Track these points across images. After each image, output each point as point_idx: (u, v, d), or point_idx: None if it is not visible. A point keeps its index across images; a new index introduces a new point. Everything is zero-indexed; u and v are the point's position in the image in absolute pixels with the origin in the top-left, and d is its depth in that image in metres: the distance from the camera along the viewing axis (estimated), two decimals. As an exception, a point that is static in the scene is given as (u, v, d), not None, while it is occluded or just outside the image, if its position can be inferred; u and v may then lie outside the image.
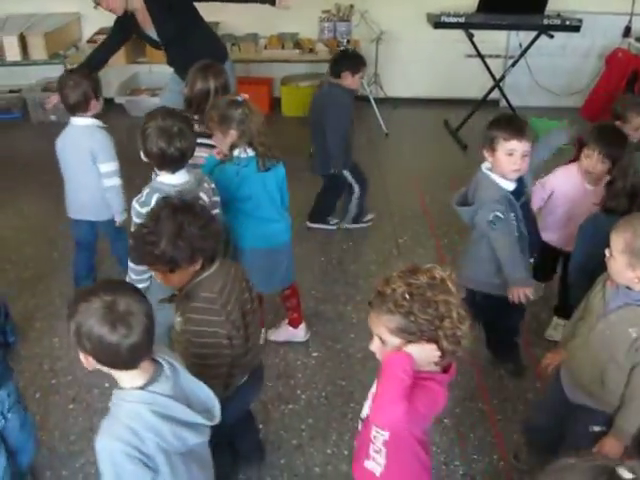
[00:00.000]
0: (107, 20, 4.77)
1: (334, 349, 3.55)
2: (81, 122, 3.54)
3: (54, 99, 4.12)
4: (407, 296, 1.74)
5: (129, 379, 1.74)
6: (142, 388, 1.73)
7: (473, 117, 6.13)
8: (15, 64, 6.35)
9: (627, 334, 2.19)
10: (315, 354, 3.52)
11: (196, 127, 3.31)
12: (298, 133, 6.24)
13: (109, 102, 6.38)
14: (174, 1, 4.26)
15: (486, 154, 2.87)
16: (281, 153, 3.18)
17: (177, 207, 2.16)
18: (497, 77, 6.15)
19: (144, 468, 1.71)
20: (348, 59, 4.32)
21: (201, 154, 3.15)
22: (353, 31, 6.29)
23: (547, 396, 2.77)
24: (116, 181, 3.57)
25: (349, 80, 4.22)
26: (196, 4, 4.45)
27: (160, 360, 1.79)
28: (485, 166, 2.93)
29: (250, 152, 3.06)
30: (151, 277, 2.65)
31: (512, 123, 2.84)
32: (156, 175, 2.87)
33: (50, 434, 3.03)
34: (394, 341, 1.79)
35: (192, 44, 4.32)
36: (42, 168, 5.53)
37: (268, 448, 2.98)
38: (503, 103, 6.41)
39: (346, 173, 4.45)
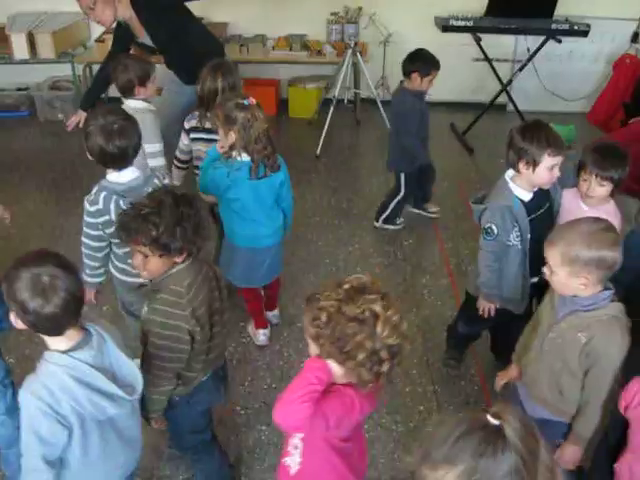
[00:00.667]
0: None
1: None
2: (131, 104, 3.62)
3: (75, 120, 4.15)
4: (324, 319, 1.72)
5: (54, 343, 1.87)
6: (64, 352, 1.85)
7: (480, 121, 6.15)
8: (23, 62, 6.36)
9: (577, 339, 2.22)
10: (319, 356, 3.51)
11: (207, 124, 3.35)
12: (304, 134, 6.27)
13: (117, 101, 6.39)
14: (164, 4, 4.22)
15: (521, 167, 2.77)
16: (287, 154, 3.18)
17: (180, 198, 2.21)
18: (504, 81, 6.14)
19: (58, 425, 1.84)
20: (420, 60, 4.29)
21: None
22: (361, 33, 6.28)
23: None
24: (160, 161, 3.65)
25: (417, 82, 4.23)
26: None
27: (91, 330, 1.92)
28: (509, 174, 2.87)
29: (245, 157, 3.07)
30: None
31: (555, 138, 2.76)
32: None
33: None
34: (313, 348, 1.79)
35: (187, 45, 4.30)
36: (48, 166, 5.58)
37: (272, 450, 2.99)
38: (510, 107, 6.41)
39: (402, 176, 4.49)
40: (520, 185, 2.83)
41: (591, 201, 2.92)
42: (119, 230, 2.22)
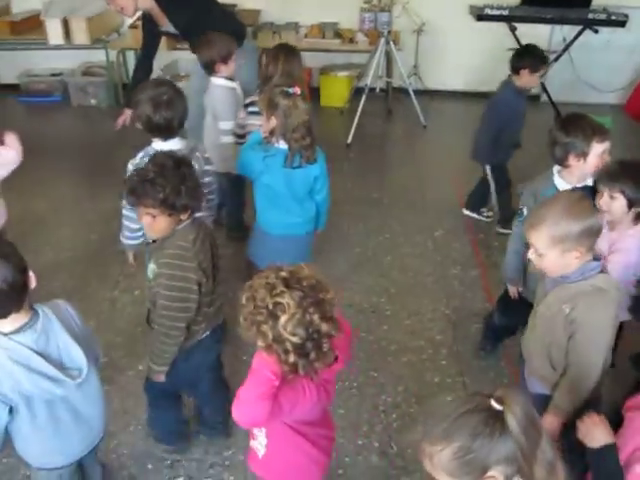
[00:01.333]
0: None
1: (366, 340, 3.54)
2: (214, 81, 3.81)
3: (122, 119, 4.19)
4: (243, 300, 1.75)
5: (1, 325, 1.95)
6: (6, 335, 1.94)
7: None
8: (58, 47, 6.43)
9: (562, 311, 2.22)
10: (348, 345, 3.52)
11: None
12: (335, 123, 6.26)
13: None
14: None
15: (572, 161, 2.77)
16: (317, 143, 3.18)
17: (179, 160, 2.39)
18: (539, 71, 6.07)
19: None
20: (530, 56, 4.19)
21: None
22: (394, 22, 6.23)
23: None
24: (231, 139, 3.80)
25: (526, 78, 4.16)
26: None
27: (40, 313, 2.01)
28: (557, 169, 2.88)
29: (283, 144, 3.08)
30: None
31: (598, 125, 2.75)
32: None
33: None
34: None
35: (209, 28, 4.16)
36: (81, 150, 5.63)
37: (299, 436, 3.00)
38: (544, 98, 6.34)
39: (487, 168, 4.48)
40: (565, 178, 2.83)
41: (612, 224, 2.75)
42: (128, 195, 2.34)
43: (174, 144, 2.94)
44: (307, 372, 1.79)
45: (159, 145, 2.94)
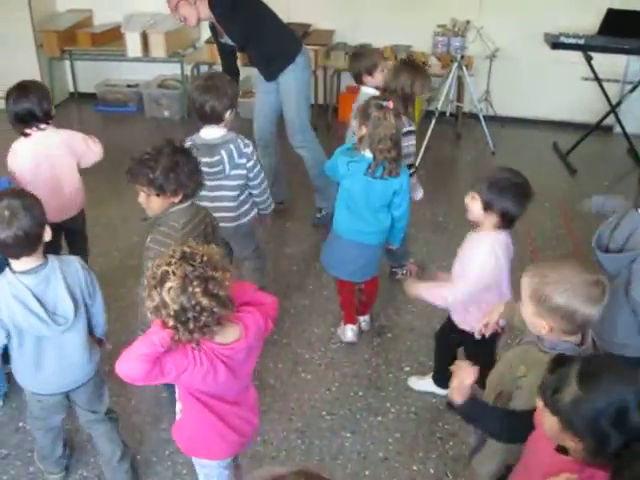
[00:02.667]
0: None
1: (426, 365, 3.50)
2: (364, 90, 3.98)
3: None
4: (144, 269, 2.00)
5: (13, 263, 2.31)
6: (14, 273, 2.29)
7: (584, 142, 5.96)
8: (135, 60, 6.63)
9: (516, 369, 2.08)
10: (407, 368, 3.50)
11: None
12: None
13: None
14: (236, 2, 4.16)
15: None
16: None
17: (177, 148, 2.63)
18: (613, 102, 5.96)
19: None
20: None
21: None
22: (468, 47, 6.21)
23: None
24: None
25: None
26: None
27: (49, 263, 2.35)
28: None
29: (368, 153, 3.20)
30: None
31: None
32: None
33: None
34: None
35: (263, 42, 4.31)
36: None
37: (354, 458, 2.99)
38: (617, 129, 6.21)
39: None
40: None
41: (475, 225, 2.81)
42: (126, 173, 2.64)
43: (210, 132, 3.29)
44: (187, 340, 1.94)
45: (202, 132, 3.32)
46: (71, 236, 3.66)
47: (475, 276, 2.77)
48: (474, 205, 2.73)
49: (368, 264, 3.50)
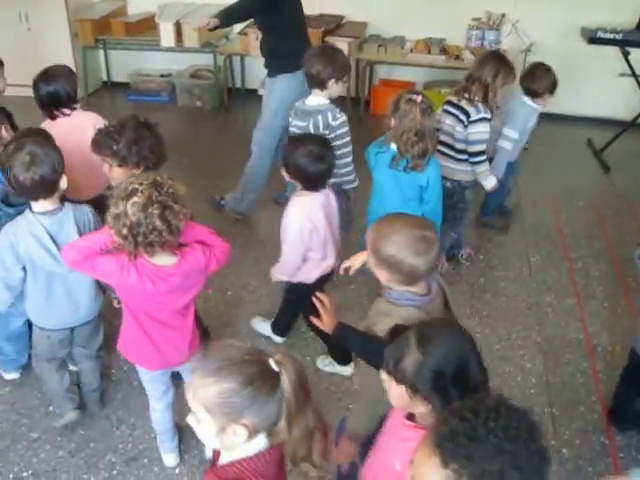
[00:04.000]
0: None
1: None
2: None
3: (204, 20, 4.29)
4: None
5: (33, 205, 2.58)
6: (33, 213, 2.57)
7: (619, 139, 5.87)
8: (169, 50, 6.65)
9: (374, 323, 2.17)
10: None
11: (463, 101, 3.80)
12: (435, 139, 6.20)
13: (253, 93, 6.56)
14: None
15: None
16: None
17: (141, 123, 2.81)
18: (651, 99, 5.86)
19: (15, 259, 2.58)
20: None
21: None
22: (502, 41, 6.15)
23: None
24: (508, 146, 4.28)
25: None
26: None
27: (65, 208, 2.63)
28: None
29: (393, 145, 3.24)
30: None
31: None
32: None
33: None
34: None
35: (279, 36, 4.33)
36: (184, 151, 5.76)
37: (380, 452, 2.98)
38: (653, 126, 6.11)
39: None
40: None
41: None
42: (91, 144, 2.85)
43: (313, 99, 3.67)
44: (129, 251, 2.25)
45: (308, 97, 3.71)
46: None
47: (291, 239, 3.04)
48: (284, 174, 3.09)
49: None
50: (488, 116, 3.76)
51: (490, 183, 3.93)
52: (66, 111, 3.43)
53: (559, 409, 3.23)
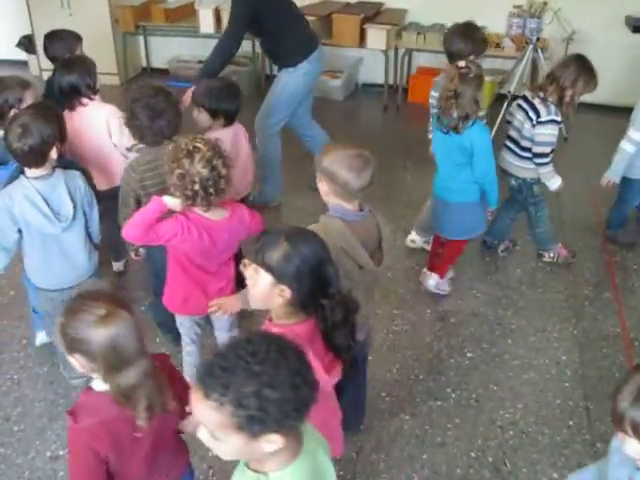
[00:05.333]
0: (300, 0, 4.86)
1: (489, 352, 3.48)
2: None
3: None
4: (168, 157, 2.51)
5: (27, 171, 2.78)
6: (28, 178, 2.77)
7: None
8: (208, 36, 6.66)
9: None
10: (470, 354, 3.47)
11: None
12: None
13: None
14: None
15: None
16: None
17: (164, 95, 3.03)
18: (695, 90, 5.73)
19: (10, 221, 2.76)
20: None
21: None
22: (544, 29, 6.05)
23: None
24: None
25: None
26: None
27: (55, 173, 2.82)
28: None
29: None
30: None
31: None
32: None
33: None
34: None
35: (269, 37, 4.44)
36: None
37: (413, 440, 2.99)
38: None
39: None
40: None
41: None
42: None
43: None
44: (202, 203, 2.50)
45: None
46: (108, 202, 3.43)
47: None
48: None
49: (450, 222, 3.64)
50: (558, 119, 3.69)
51: (554, 184, 3.84)
52: (85, 101, 3.45)
53: (594, 403, 3.20)
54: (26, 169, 2.78)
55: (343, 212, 2.39)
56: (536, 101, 3.71)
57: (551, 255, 4.18)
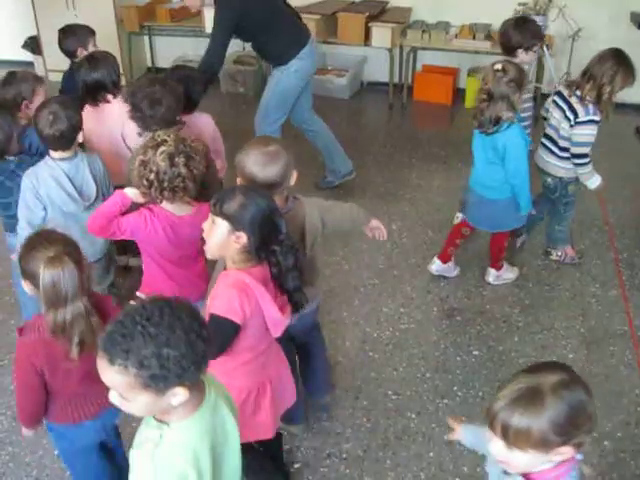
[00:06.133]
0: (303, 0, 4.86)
1: (495, 350, 3.47)
2: None
3: None
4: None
5: (52, 153, 2.99)
6: (54, 160, 2.98)
7: (670, 127, 5.74)
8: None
9: None
10: (476, 352, 3.47)
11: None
12: (479, 126, 6.13)
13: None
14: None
15: None
16: (457, 145, 3.20)
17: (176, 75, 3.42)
18: (702, 87, 5.70)
19: (36, 199, 2.96)
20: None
21: None
22: (549, 26, 6.03)
23: None
24: None
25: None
26: None
27: (79, 156, 3.03)
28: None
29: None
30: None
31: None
32: None
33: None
34: None
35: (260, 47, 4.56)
36: (225, 137, 5.79)
37: (419, 439, 2.98)
38: None
39: None
40: None
41: None
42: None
43: None
44: (155, 197, 2.59)
45: None
46: None
47: None
48: None
49: (486, 217, 3.74)
50: (597, 118, 3.61)
51: (594, 183, 3.79)
52: (110, 97, 3.48)
53: (601, 401, 3.18)
54: (52, 152, 2.99)
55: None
56: (573, 100, 3.63)
57: (559, 254, 4.16)
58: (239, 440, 1.79)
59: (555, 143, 3.78)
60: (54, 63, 3.92)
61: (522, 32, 3.80)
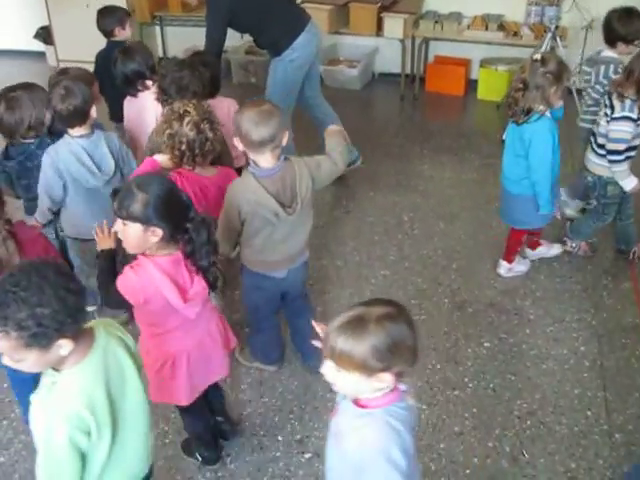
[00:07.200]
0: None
1: (507, 342, 3.47)
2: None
3: None
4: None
5: (70, 131, 3.10)
6: (72, 137, 3.08)
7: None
8: (224, 26, 6.64)
9: None
10: (487, 344, 3.46)
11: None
12: (491, 117, 6.12)
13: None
14: None
15: None
16: (470, 136, 3.18)
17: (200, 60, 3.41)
18: None
19: (56, 175, 3.08)
20: None
21: None
22: (562, 17, 5.98)
23: None
24: None
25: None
26: None
27: (97, 131, 3.16)
28: None
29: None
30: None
31: None
32: None
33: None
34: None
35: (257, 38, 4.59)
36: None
37: (429, 431, 2.99)
38: None
39: None
40: None
41: None
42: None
43: None
44: (189, 163, 2.77)
45: None
46: None
47: None
48: None
49: (508, 211, 3.78)
50: (634, 115, 3.52)
51: (629, 184, 3.71)
52: (149, 83, 3.60)
53: (613, 394, 3.18)
54: (70, 130, 3.08)
55: (254, 168, 2.68)
56: (614, 96, 3.58)
57: (573, 245, 4.14)
58: (139, 377, 1.93)
59: (596, 140, 3.75)
60: (66, 53, 3.91)
61: (626, 25, 3.89)
